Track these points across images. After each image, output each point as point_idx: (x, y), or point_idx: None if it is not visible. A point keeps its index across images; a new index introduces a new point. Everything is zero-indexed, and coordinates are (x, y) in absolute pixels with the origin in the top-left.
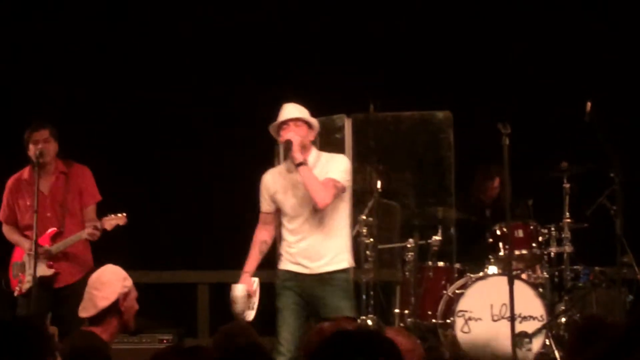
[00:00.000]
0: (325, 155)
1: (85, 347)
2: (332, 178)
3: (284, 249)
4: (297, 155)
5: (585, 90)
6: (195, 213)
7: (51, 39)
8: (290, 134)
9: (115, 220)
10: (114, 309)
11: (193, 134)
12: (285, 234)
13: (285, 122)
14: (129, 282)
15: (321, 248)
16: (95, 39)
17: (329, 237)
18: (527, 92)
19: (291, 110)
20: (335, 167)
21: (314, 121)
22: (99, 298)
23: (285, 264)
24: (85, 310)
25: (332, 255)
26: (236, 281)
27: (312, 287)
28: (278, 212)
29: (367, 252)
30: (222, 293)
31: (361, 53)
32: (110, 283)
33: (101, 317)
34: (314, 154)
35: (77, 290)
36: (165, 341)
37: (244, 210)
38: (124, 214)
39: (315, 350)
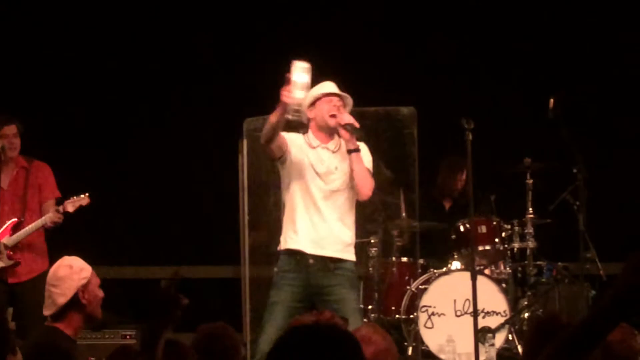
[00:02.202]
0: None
1: (48, 344)
2: (369, 169)
3: (292, 229)
4: (354, 142)
5: (548, 86)
6: (158, 208)
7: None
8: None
9: (78, 201)
10: (75, 303)
11: (157, 128)
12: (298, 211)
13: (328, 95)
14: (86, 272)
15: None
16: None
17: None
18: (490, 87)
19: (334, 86)
20: (366, 158)
21: (350, 102)
22: (57, 295)
23: (291, 244)
24: (47, 308)
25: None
26: (199, 277)
27: (319, 275)
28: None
29: None
30: (185, 288)
31: (325, 48)
32: (66, 278)
33: (62, 313)
34: (336, 137)
35: (34, 286)
36: (128, 337)
37: (208, 206)
38: (86, 194)
39: (273, 346)
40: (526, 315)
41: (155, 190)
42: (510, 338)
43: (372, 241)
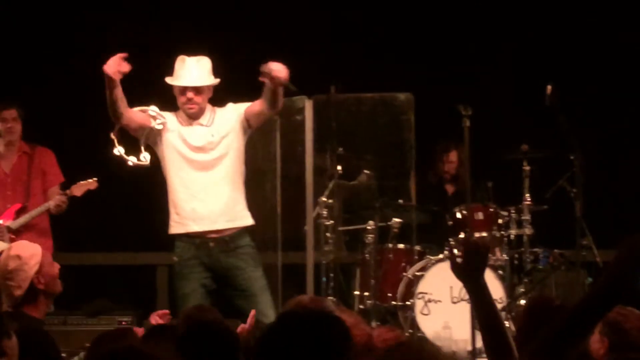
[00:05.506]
0: (219, 109)
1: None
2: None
3: (175, 212)
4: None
5: (546, 73)
6: (155, 194)
7: None
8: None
9: (85, 185)
10: (33, 291)
11: None
12: (180, 191)
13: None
14: (36, 257)
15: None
16: None
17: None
18: (487, 73)
19: (194, 76)
20: (242, 105)
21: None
22: (13, 288)
23: (177, 228)
24: (5, 302)
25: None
26: None
27: (222, 257)
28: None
29: (327, 234)
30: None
31: (323, 33)
32: (18, 270)
33: (23, 301)
34: (209, 111)
35: None
36: (124, 323)
37: None
38: (94, 179)
39: (263, 333)
40: (522, 302)
41: (148, 177)
42: (507, 325)
43: (369, 228)
